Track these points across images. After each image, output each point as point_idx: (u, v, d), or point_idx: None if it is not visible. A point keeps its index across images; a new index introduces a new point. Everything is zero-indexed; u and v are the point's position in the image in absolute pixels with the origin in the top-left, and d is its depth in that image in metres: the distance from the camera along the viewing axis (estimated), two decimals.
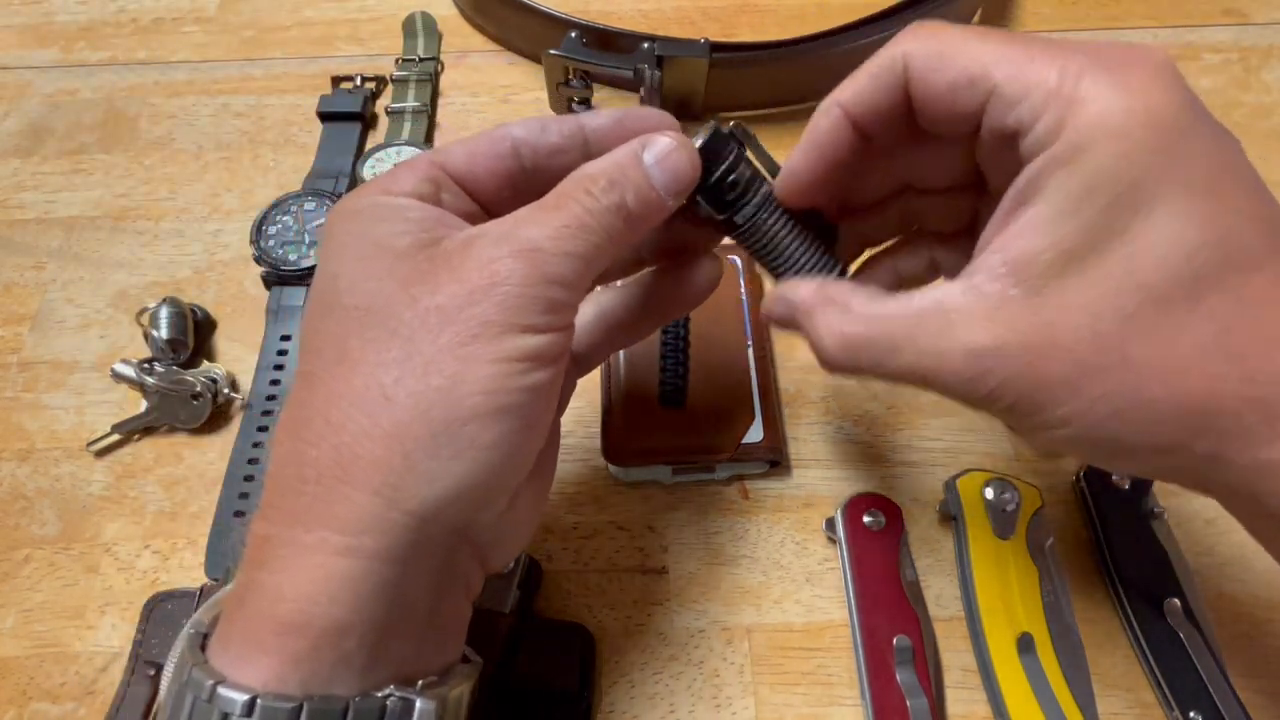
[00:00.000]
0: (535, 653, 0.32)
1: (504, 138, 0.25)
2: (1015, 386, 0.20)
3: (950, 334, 0.21)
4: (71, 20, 0.55)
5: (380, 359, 0.21)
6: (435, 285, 0.21)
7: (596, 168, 0.23)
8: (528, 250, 0.21)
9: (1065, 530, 0.36)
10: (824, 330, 0.23)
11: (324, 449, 0.21)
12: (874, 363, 0.22)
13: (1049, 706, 0.31)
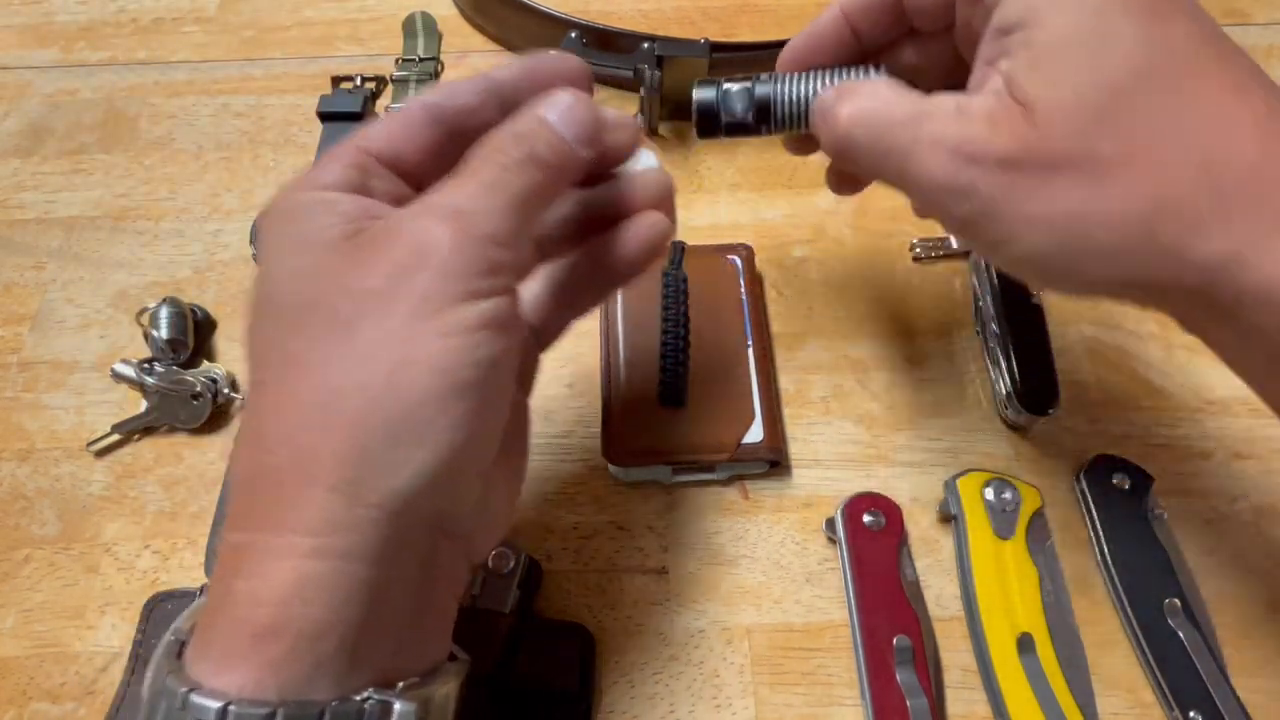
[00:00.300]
0: (535, 653, 0.32)
1: (418, 108, 0.25)
2: (993, 179, 0.23)
3: (946, 127, 0.24)
4: (71, 20, 0.55)
5: (324, 354, 0.21)
6: (367, 270, 0.21)
7: (501, 131, 0.23)
8: (451, 214, 0.21)
9: (1065, 530, 0.36)
10: (846, 110, 0.26)
11: (281, 453, 0.20)
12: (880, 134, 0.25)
13: (1049, 706, 0.31)
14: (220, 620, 0.20)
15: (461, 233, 0.21)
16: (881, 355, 0.41)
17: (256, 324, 0.22)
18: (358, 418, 0.20)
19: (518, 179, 0.22)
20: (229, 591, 0.20)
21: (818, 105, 0.27)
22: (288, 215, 0.23)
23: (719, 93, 0.29)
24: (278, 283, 0.22)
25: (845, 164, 0.27)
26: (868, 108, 0.25)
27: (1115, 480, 0.36)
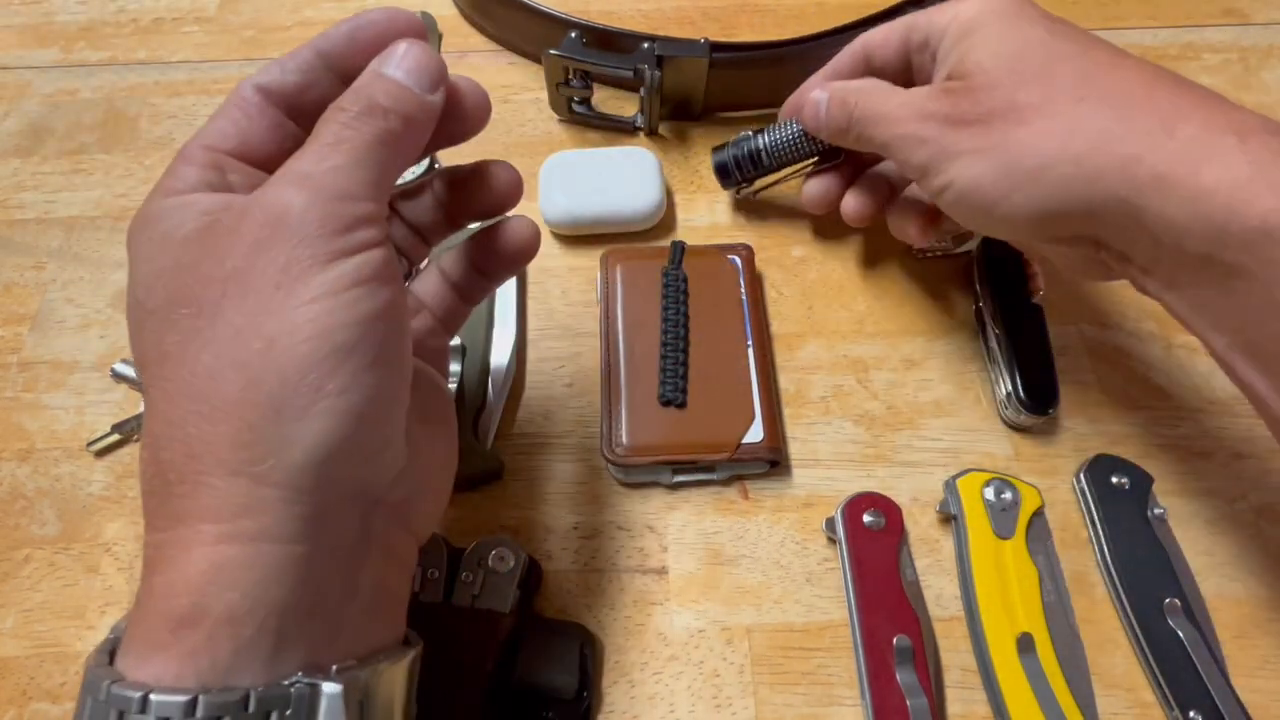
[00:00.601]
0: (535, 653, 0.32)
1: (249, 94, 0.24)
2: (943, 127, 0.30)
3: (895, 106, 0.32)
4: (71, 20, 0.55)
5: (196, 343, 0.20)
6: (223, 254, 0.21)
7: (344, 96, 0.23)
8: (298, 179, 0.21)
9: (1065, 530, 0.36)
10: (832, 93, 0.35)
11: (175, 449, 0.20)
12: (854, 113, 0.34)
13: (1049, 706, 0.31)
14: (141, 615, 0.20)
15: (311, 194, 0.21)
16: (881, 355, 0.41)
17: (132, 333, 0.22)
18: (240, 398, 0.20)
19: (361, 131, 0.22)
20: (147, 587, 0.20)
21: (823, 97, 0.36)
22: (145, 222, 0.22)
23: (728, 151, 0.42)
24: (142, 286, 0.22)
25: (837, 134, 0.35)
26: (861, 87, 0.34)
27: (1115, 480, 0.36)
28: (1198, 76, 0.51)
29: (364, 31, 0.24)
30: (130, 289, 0.22)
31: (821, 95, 0.35)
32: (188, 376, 0.20)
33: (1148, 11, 0.54)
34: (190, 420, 0.20)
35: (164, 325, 0.21)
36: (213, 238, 0.21)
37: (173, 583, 0.20)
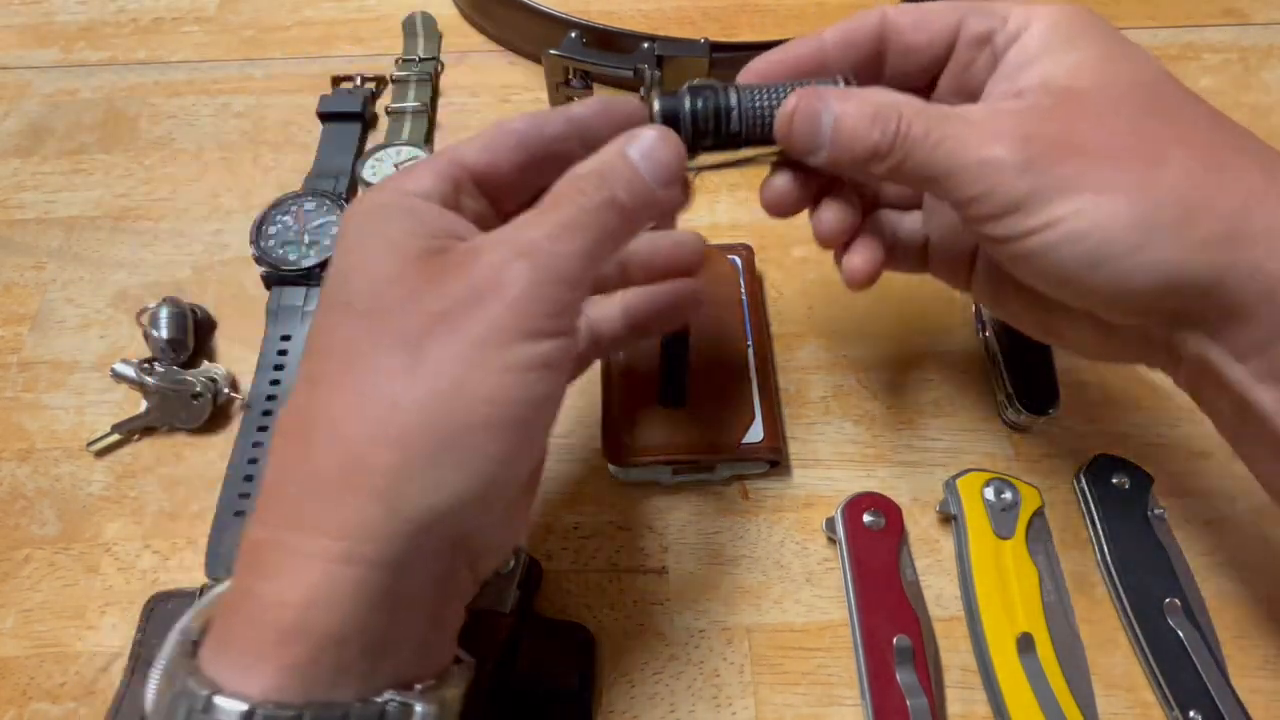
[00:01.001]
0: (535, 653, 0.32)
1: (510, 133, 0.25)
2: (1056, 153, 0.23)
3: (996, 114, 0.25)
4: (71, 20, 0.55)
5: (389, 366, 0.21)
6: (443, 291, 0.21)
7: (585, 167, 0.24)
8: (530, 251, 0.22)
9: (1065, 530, 0.36)
10: (856, 106, 0.25)
11: (329, 456, 0.20)
12: (904, 131, 0.25)
13: (1049, 706, 0.31)
14: (241, 620, 0.20)
15: (538, 271, 0.21)
16: (881, 355, 0.41)
17: (325, 315, 0.23)
18: (410, 433, 0.20)
19: (595, 221, 0.23)
20: (251, 591, 0.20)
21: (845, 110, 0.25)
22: (376, 214, 0.23)
23: (683, 99, 0.27)
24: (355, 282, 0.22)
25: (860, 160, 0.26)
26: (912, 101, 0.25)
27: (1115, 480, 0.36)
28: (1198, 76, 0.51)
29: (614, 111, 0.27)
30: (339, 272, 0.23)
31: (842, 108, 0.25)
32: (369, 393, 0.21)
33: (1148, 11, 0.55)
34: (355, 436, 0.20)
35: (364, 330, 0.21)
36: (438, 269, 0.22)
37: (282, 592, 0.20)
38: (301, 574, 0.20)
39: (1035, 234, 0.24)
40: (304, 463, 0.21)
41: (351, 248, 0.23)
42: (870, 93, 0.26)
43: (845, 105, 0.25)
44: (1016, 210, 0.24)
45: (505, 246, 0.22)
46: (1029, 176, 0.23)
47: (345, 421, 0.21)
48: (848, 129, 0.25)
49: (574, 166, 0.24)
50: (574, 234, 0.22)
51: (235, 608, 0.21)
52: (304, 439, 0.21)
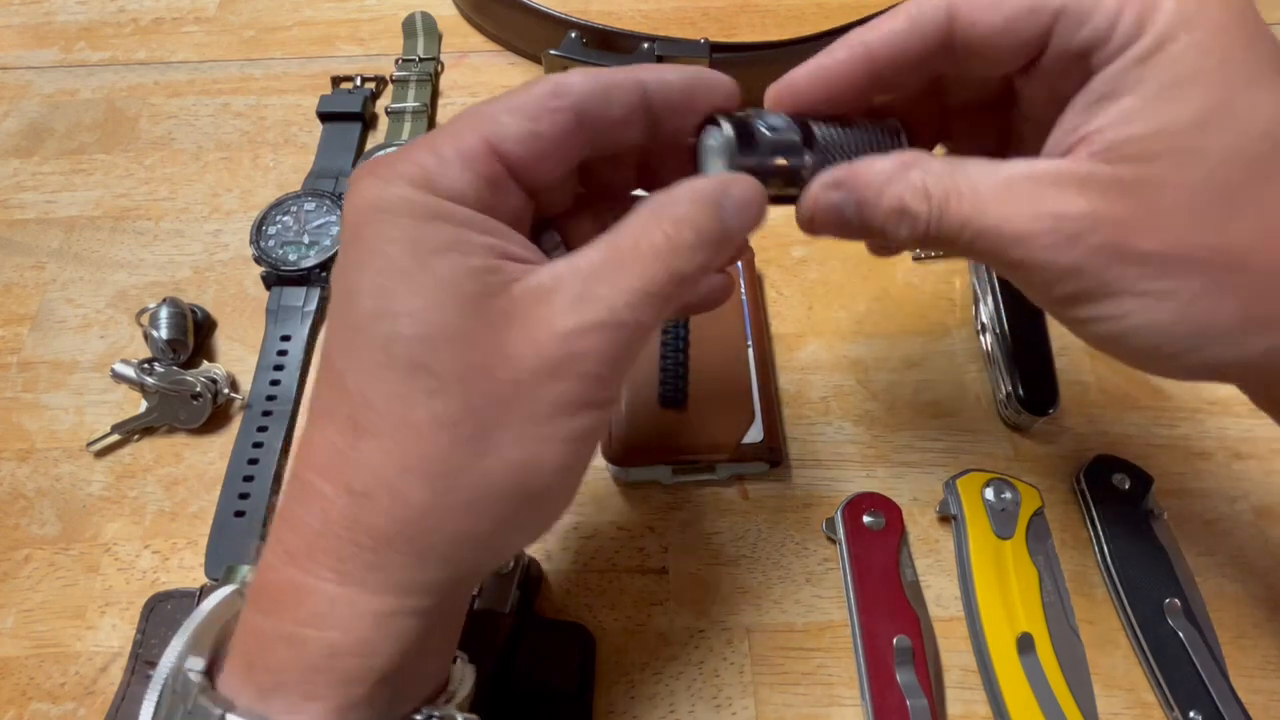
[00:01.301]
0: (535, 653, 0.32)
1: (565, 110, 0.21)
2: (1102, 257, 0.20)
3: (1042, 197, 0.21)
4: (71, 20, 0.55)
5: (455, 436, 0.19)
6: (511, 356, 0.20)
7: (675, 219, 0.21)
8: (609, 323, 0.20)
9: (1065, 530, 0.36)
10: (908, 192, 0.22)
11: (387, 518, 0.20)
12: (960, 222, 0.21)
13: (1049, 706, 0.31)
14: (285, 661, 0.20)
15: (613, 347, 0.20)
16: (881, 355, 0.41)
17: (353, 351, 0.20)
18: (479, 503, 0.20)
19: (682, 289, 0.21)
20: (296, 637, 0.20)
21: (868, 180, 0.23)
22: (402, 220, 0.20)
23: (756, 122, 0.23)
24: (400, 325, 0.19)
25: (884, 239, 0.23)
26: (954, 170, 0.22)
27: (1115, 480, 0.36)
28: None
29: (700, 97, 0.23)
30: (367, 307, 0.20)
31: (881, 176, 0.22)
32: (431, 459, 0.19)
33: None
34: (416, 502, 0.20)
35: (419, 387, 0.19)
36: (501, 320, 0.20)
37: (335, 642, 0.20)
38: (355, 627, 0.20)
39: (1087, 323, 0.22)
40: (355, 518, 0.20)
41: (382, 270, 0.20)
42: (898, 178, 0.22)
43: (864, 204, 0.22)
44: (1065, 304, 0.22)
45: (582, 309, 0.20)
46: (1071, 282, 0.21)
47: (406, 486, 0.20)
48: (875, 223, 0.23)
49: (660, 204, 0.21)
50: (656, 304, 0.20)
51: (270, 647, 0.20)
52: (353, 493, 0.20)
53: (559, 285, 0.20)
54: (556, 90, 0.21)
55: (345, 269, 0.21)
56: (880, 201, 0.22)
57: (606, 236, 0.21)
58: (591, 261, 0.21)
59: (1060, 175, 0.21)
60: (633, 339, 0.21)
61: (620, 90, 0.22)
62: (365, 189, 0.21)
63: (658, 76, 0.22)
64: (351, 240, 0.21)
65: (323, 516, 0.20)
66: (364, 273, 0.20)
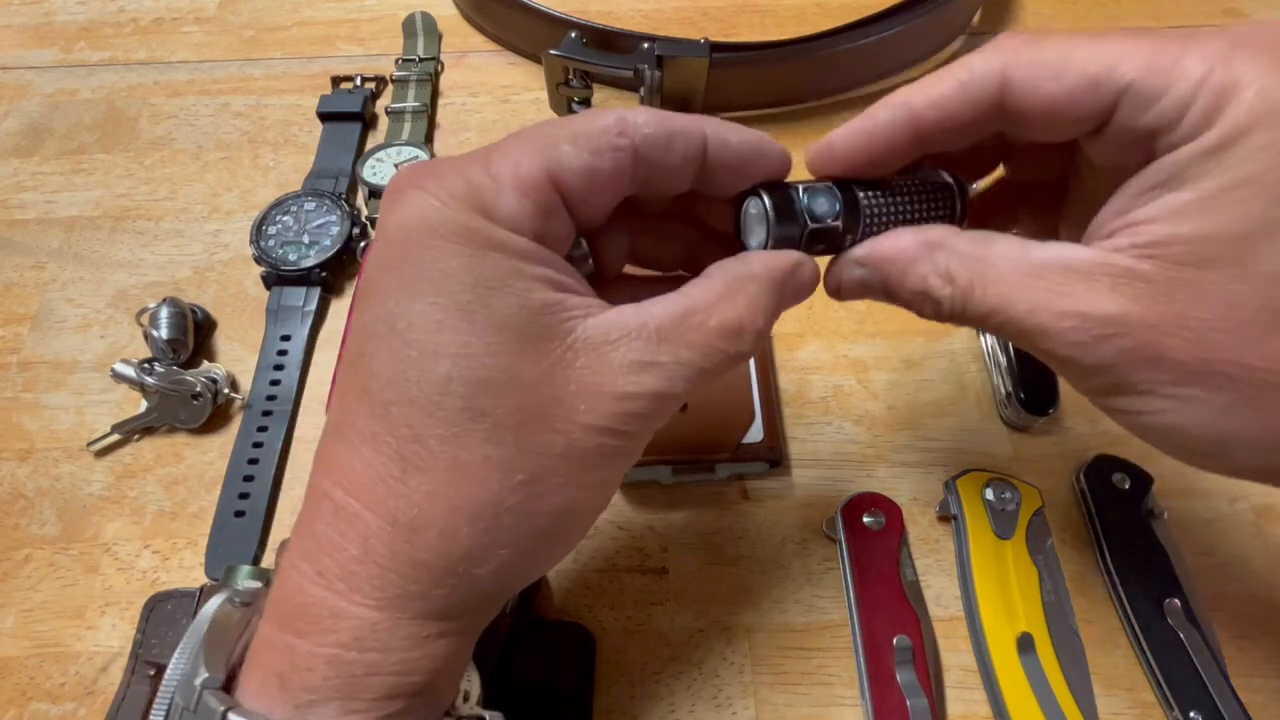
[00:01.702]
0: (535, 653, 0.32)
1: (627, 150, 0.21)
2: (1129, 360, 0.20)
3: (1072, 293, 0.20)
4: (71, 20, 0.55)
5: (504, 479, 0.20)
6: (566, 405, 0.20)
7: (750, 301, 0.22)
8: (663, 394, 0.21)
9: (1065, 530, 0.36)
10: (932, 275, 0.22)
11: (434, 555, 0.20)
12: (985, 310, 0.21)
13: (1049, 706, 0.31)
14: (333, 685, 0.20)
15: (660, 414, 0.21)
16: (881, 355, 0.41)
17: (412, 390, 0.19)
18: (524, 539, 0.21)
19: (730, 365, 0.22)
20: (339, 660, 0.20)
21: (892, 258, 0.22)
22: (461, 251, 0.19)
23: (797, 197, 0.23)
24: (455, 365, 0.19)
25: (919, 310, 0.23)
26: (987, 255, 0.21)
27: (1115, 480, 0.36)
28: None
29: (755, 167, 0.23)
30: (419, 339, 0.19)
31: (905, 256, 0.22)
32: (487, 503, 0.20)
33: (1147, 11, 0.54)
34: (470, 543, 0.20)
35: (476, 431, 0.20)
36: (564, 372, 0.20)
37: (376, 663, 0.20)
38: (396, 648, 0.20)
39: (1105, 409, 0.22)
40: (400, 550, 0.20)
41: (438, 303, 0.19)
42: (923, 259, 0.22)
43: (889, 279, 0.22)
44: (1097, 395, 0.21)
45: (640, 377, 0.21)
46: (1099, 377, 0.20)
47: (455, 525, 0.20)
48: (901, 301, 0.23)
49: (732, 271, 0.22)
50: (707, 379, 0.22)
51: (308, 666, 0.20)
52: (399, 525, 0.20)
53: (621, 341, 0.21)
54: (622, 128, 0.21)
55: (390, 288, 0.20)
56: (905, 281, 0.22)
57: (677, 299, 0.21)
58: (660, 322, 0.21)
59: (1094, 268, 0.20)
60: (677, 405, 0.22)
61: (682, 140, 0.21)
62: (414, 203, 0.20)
63: (719, 135, 0.22)
64: (400, 259, 0.20)
65: (363, 544, 0.20)
66: (416, 301, 0.19)
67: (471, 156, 0.21)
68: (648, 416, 0.21)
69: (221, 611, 0.22)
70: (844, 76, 0.48)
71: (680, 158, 0.21)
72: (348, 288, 0.43)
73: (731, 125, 0.22)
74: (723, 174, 0.22)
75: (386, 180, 0.44)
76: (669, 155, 0.21)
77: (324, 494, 0.21)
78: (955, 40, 0.52)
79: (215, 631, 0.22)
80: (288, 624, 0.20)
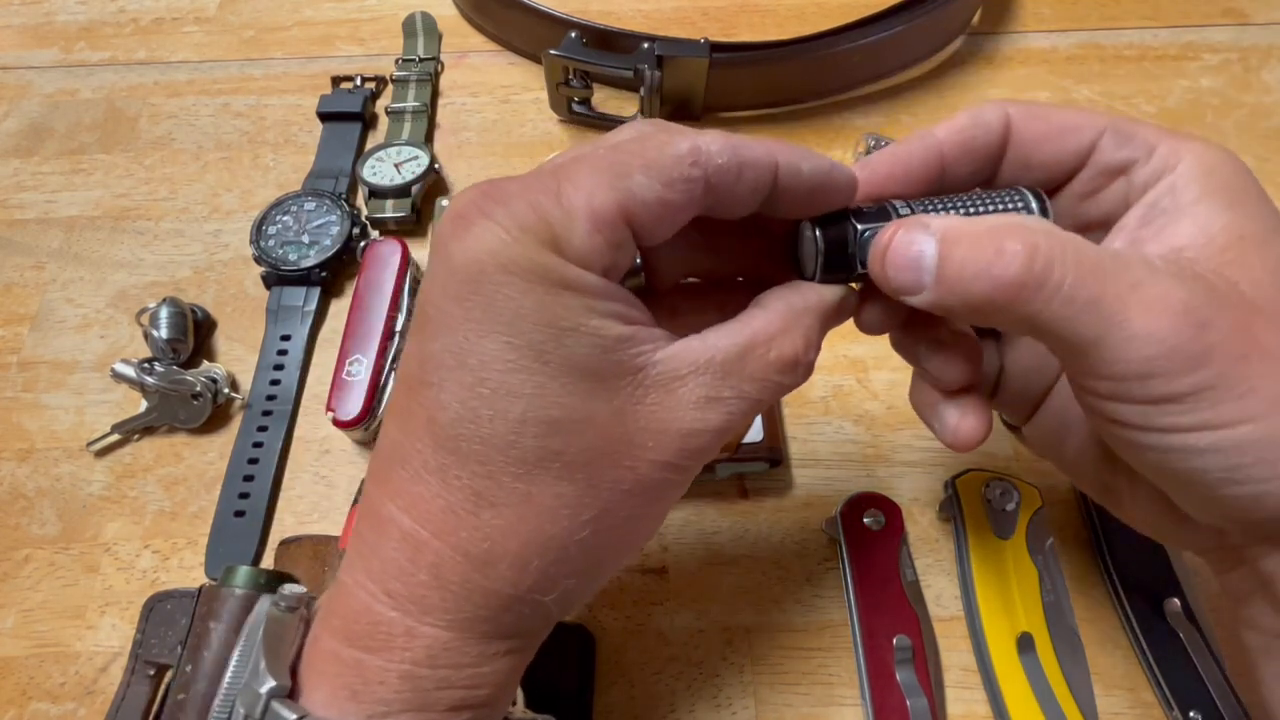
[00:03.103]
0: (535, 653, 0.32)
1: (700, 181, 0.20)
2: (1231, 348, 0.19)
3: (1162, 278, 0.19)
4: (71, 20, 0.55)
5: (574, 516, 0.21)
6: (635, 443, 0.21)
7: (806, 334, 0.22)
8: (722, 430, 0.21)
9: (1065, 530, 0.36)
10: (1009, 241, 0.20)
11: (506, 585, 0.21)
12: (1064, 287, 0.19)
13: (1049, 706, 0.31)
14: (407, 698, 0.21)
15: (716, 446, 0.22)
16: (881, 355, 0.41)
17: (484, 429, 0.20)
18: (584, 569, 0.22)
19: (778, 397, 0.23)
20: (412, 675, 0.21)
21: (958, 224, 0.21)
22: (535, 290, 0.19)
23: (853, 230, 0.23)
24: (530, 406, 0.19)
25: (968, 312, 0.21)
26: (1041, 233, 0.20)
27: None
28: (1198, 77, 0.51)
29: (819, 200, 0.22)
30: (496, 371, 0.19)
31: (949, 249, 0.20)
32: (556, 536, 0.21)
33: (1147, 11, 0.54)
34: (537, 573, 0.21)
35: (544, 470, 0.20)
36: (633, 408, 0.20)
37: (448, 678, 0.21)
38: (466, 665, 0.21)
39: (1183, 432, 0.20)
40: (472, 580, 0.20)
41: (513, 344, 0.19)
42: (994, 225, 0.20)
43: (955, 245, 0.20)
44: (1170, 402, 0.19)
45: (705, 414, 0.21)
46: (1202, 373, 0.19)
47: (527, 560, 0.21)
48: (955, 273, 0.20)
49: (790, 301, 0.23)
50: (759, 410, 0.23)
51: (381, 680, 0.21)
52: (471, 558, 0.20)
53: (690, 376, 0.21)
54: (696, 158, 0.20)
55: (458, 321, 0.19)
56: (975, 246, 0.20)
57: (739, 330, 0.22)
58: (725, 356, 0.21)
59: (1169, 265, 0.20)
60: (730, 436, 0.22)
61: (754, 171, 0.21)
62: (484, 235, 0.19)
63: (791, 164, 0.21)
64: (469, 293, 0.19)
65: (433, 571, 0.20)
66: (488, 339, 0.19)
67: (541, 181, 0.20)
68: (708, 451, 0.22)
69: (274, 617, 0.22)
70: (844, 76, 0.48)
71: (751, 189, 0.21)
72: (347, 288, 0.43)
73: (804, 152, 0.22)
74: (790, 201, 0.22)
75: (386, 180, 0.44)
76: (740, 185, 0.21)
77: (389, 518, 0.21)
78: (955, 40, 0.52)
79: (271, 637, 0.22)
80: (355, 640, 0.21)
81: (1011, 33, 0.54)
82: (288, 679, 0.21)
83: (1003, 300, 0.20)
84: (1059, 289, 0.19)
